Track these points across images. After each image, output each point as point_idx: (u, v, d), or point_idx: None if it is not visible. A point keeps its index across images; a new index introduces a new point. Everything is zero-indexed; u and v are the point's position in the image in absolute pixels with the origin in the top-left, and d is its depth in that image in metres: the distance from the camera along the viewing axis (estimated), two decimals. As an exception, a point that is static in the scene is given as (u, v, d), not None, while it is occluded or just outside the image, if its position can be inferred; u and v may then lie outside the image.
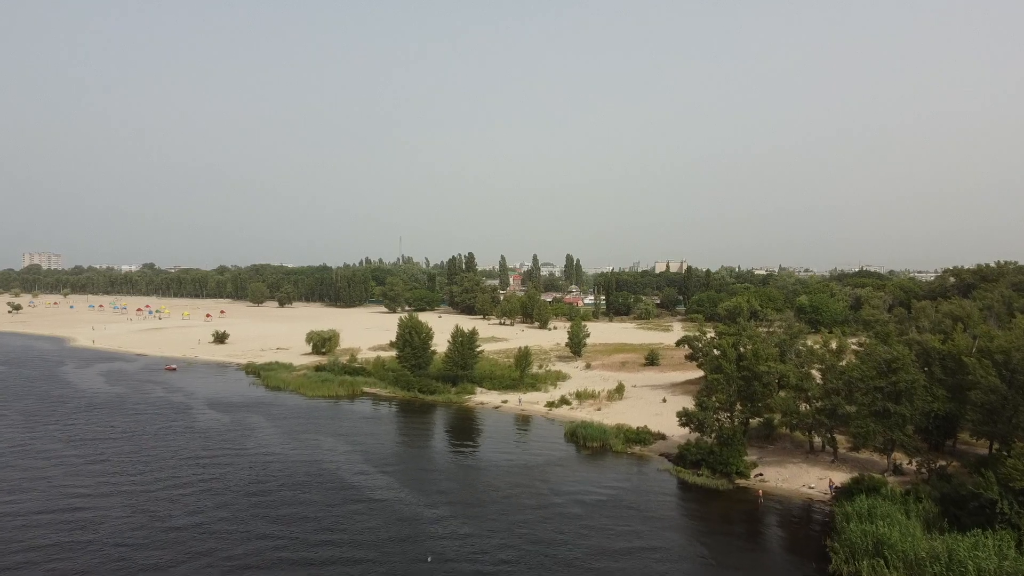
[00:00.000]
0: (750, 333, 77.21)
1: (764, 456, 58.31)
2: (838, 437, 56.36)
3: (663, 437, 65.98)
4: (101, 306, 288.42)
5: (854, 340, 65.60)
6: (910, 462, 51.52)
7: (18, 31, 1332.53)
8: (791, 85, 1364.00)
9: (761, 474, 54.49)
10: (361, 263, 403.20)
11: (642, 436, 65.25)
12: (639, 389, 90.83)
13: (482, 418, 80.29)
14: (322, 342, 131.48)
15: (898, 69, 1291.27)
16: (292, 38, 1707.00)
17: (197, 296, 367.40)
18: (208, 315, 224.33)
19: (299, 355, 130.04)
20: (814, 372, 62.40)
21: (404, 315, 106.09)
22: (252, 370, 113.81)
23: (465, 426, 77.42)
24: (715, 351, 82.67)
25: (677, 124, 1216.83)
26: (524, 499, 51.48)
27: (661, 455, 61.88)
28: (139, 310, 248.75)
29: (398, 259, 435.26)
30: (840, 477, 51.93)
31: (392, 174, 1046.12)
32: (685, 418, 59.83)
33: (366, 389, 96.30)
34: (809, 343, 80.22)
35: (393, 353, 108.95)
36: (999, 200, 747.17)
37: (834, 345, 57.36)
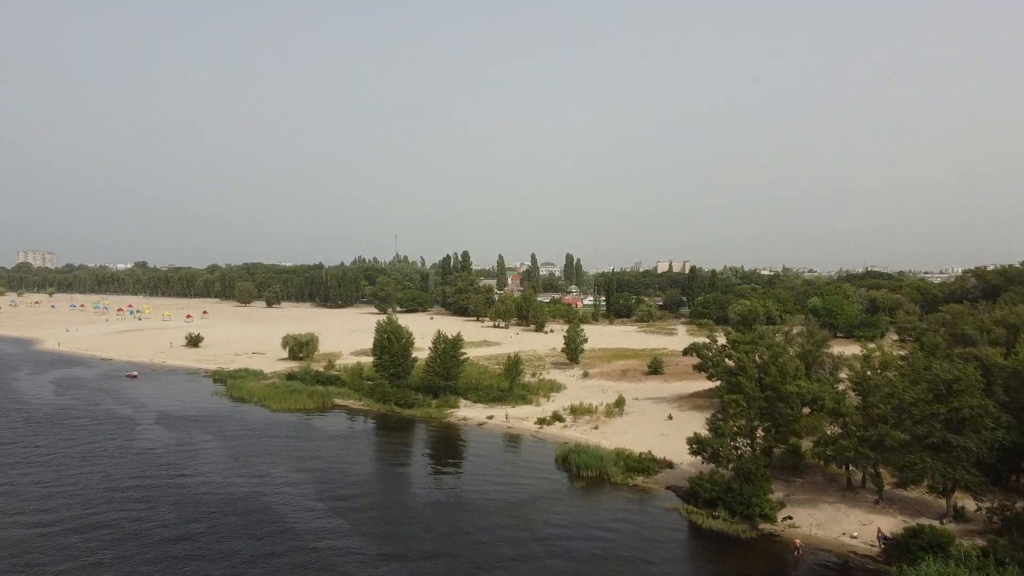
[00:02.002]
0: (768, 342, 67.74)
1: (792, 493, 48.73)
2: (880, 471, 46.74)
3: (670, 465, 56.42)
4: (82, 306, 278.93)
5: (898, 352, 55.96)
6: (978, 509, 41.77)
7: (19, 32, 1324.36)
8: (791, 86, 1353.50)
9: (790, 517, 44.94)
10: (355, 262, 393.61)
11: (645, 464, 55.68)
12: (641, 403, 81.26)
13: (463, 438, 70.77)
14: (299, 346, 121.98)
15: (899, 69, 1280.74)
16: (292, 37, 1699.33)
17: (185, 295, 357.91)
18: (189, 316, 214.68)
19: (275, 360, 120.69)
20: (845, 389, 53.06)
21: (383, 318, 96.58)
22: (219, 377, 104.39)
23: (442, 448, 67.91)
24: (728, 362, 73.30)
25: (678, 123, 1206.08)
26: (501, 544, 42.29)
27: (668, 488, 52.31)
28: (120, 310, 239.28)
29: (394, 258, 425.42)
30: (888, 523, 42.45)
31: (391, 173, 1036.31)
32: (697, 445, 50.31)
33: (338, 401, 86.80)
34: (834, 352, 71.11)
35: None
36: (1000, 200, 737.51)
37: (876, 359, 47.67)
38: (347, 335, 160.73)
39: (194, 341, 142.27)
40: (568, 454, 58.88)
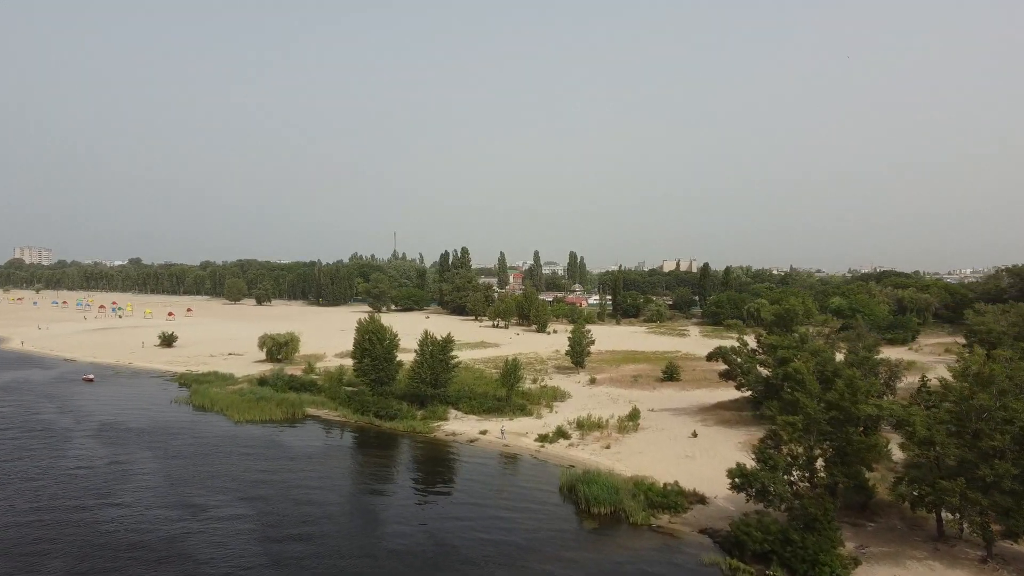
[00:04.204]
0: (813, 347, 57.11)
1: (864, 543, 37.96)
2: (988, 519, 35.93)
3: (702, 500, 45.64)
4: (65, 303, 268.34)
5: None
6: None
7: (17, 30, 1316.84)
8: (789, 86, 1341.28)
9: (870, 580, 34.20)
10: (352, 259, 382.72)
11: (672, 499, 44.85)
12: (658, 415, 70.50)
13: (450, 458, 60.00)
14: (278, 347, 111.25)
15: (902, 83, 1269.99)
16: (291, 35, 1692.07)
17: (174, 293, 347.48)
18: (171, 313, 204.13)
19: (251, 362, 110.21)
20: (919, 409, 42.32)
21: (364, 317, 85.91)
22: (186, 381, 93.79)
23: (424, 471, 57.20)
24: (760, 370, 62.78)
25: (681, 122, 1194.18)
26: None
27: (702, 532, 41.51)
28: (101, 307, 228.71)
29: (392, 255, 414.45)
30: (1007, 594, 31.74)
31: (392, 171, 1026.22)
32: (741, 479, 39.65)
33: (311, 411, 76.13)
34: (888, 358, 60.51)
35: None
36: (999, 201, 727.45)
37: (973, 372, 36.88)
38: (335, 335, 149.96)
39: (168, 341, 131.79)
40: (575, 483, 48.13)
